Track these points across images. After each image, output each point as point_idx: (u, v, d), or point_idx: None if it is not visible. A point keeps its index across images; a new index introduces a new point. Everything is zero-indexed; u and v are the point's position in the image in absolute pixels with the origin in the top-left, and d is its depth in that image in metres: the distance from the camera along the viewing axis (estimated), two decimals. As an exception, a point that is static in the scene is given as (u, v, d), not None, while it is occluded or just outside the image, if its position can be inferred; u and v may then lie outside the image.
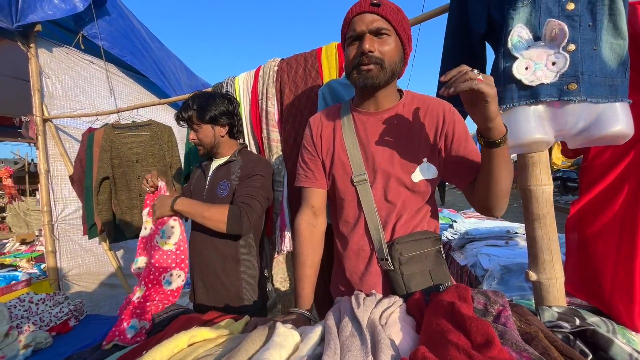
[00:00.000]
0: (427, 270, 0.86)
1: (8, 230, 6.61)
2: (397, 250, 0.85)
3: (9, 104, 3.36)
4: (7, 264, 2.75)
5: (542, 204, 0.87)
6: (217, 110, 1.29)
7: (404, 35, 0.84)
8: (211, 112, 1.28)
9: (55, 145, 2.33)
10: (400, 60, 0.85)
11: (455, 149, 0.86)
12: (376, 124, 0.91)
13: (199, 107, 1.28)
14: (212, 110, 1.28)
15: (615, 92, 0.79)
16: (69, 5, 2.15)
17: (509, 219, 3.82)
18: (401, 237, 0.87)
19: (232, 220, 1.16)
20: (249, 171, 1.26)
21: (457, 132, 0.87)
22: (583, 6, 0.78)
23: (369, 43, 0.80)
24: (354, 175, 0.90)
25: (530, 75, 0.81)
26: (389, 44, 0.82)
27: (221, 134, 1.33)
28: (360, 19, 0.82)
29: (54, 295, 1.41)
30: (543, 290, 0.86)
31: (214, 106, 1.29)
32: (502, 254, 1.81)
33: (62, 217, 2.37)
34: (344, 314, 0.69)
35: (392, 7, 0.83)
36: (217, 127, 1.31)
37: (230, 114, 1.33)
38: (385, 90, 0.89)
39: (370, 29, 0.81)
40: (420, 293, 0.76)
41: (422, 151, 0.88)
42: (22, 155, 9.80)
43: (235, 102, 1.39)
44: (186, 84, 3.40)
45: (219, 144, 1.34)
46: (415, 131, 0.88)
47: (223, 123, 1.31)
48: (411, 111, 0.90)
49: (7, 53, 2.36)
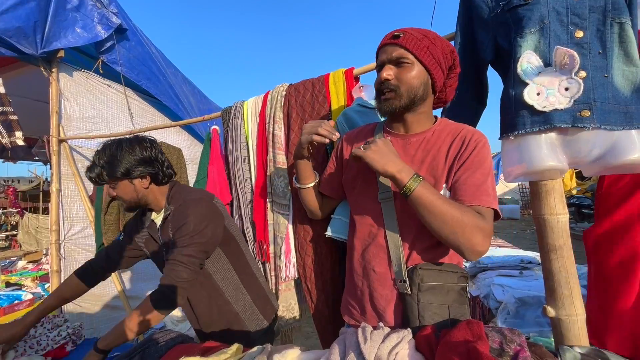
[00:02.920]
0: (446, 304, 0.82)
1: (19, 247, 6.68)
2: (419, 276, 0.83)
3: (29, 125, 3.50)
4: (12, 283, 2.75)
5: (557, 234, 0.82)
6: (128, 163, 1.09)
7: (430, 60, 0.86)
8: (121, 167, 1.09)
9: (69, 165, 2.39)
10: (421, 85, 0.87)
11: (460, 174, 0.83)
12: (403, 146, 0.93)
13: (106, 164, 1.10)
14: (123, 164, 1.09)
15: (630, 120, 0.76)
16: (92, 34, 2.28)
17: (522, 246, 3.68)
18: (427, 264, 0.85)
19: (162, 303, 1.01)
20: (177, 222, 1.10)
21: (472, 159, 0.84)
22: (592, 34, 0.77)
23: (386, 72, 0.87)
24: (380, 192, 0.92)
25: (542, 101, 0.79)
26: (410, 71, 0.86)
27: (144, 186, 1.14)
28: (383, 51, 0.89)
29: (53, 318, 1.39)
30: (563, 328, 0.80)
31: (123, 159, 1.09)
32: (516, 285, 1.72)
33: (69, 236, 2.38)
34: (349, 348, 0.66)
35: (416, 36, 0.86)
36: (135, 180, 1.12)
37: (148, 161, 1.12)
38: (413, 115, 0.91)
39: (390, 58, 0.87)
40: (432, 328, 0.72)
41: (444, 178, 0.86)
42: (39, 174, 10.10)
43: (152, 142, 1.18)
44: (199, 108, 3.51)
45: (145, 197, 1.16)
46: (441, 157, 0.87)
47: (141, 174, 1.11)
48: (441, 138, 0.90)
49: (30, 76, 2.49)
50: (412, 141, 0.92)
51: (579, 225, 7.93)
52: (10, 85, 2.78)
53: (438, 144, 0.89)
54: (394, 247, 0.87)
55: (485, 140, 0.87)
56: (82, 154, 2.51)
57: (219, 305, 1.19)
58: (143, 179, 1.13)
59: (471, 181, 0.81)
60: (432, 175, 0.87)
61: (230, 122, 1.61)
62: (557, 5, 0.79)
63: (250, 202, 1.54)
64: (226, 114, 1.64)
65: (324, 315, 1.32)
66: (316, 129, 0.94)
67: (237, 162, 1.57)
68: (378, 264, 0.90)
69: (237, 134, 1.56)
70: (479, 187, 0.81)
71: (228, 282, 1.20)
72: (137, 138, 1.16)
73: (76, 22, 2.24)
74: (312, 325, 1.42)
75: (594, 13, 0.77)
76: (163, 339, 1.02)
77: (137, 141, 1.14)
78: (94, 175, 1.11)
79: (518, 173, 0.83)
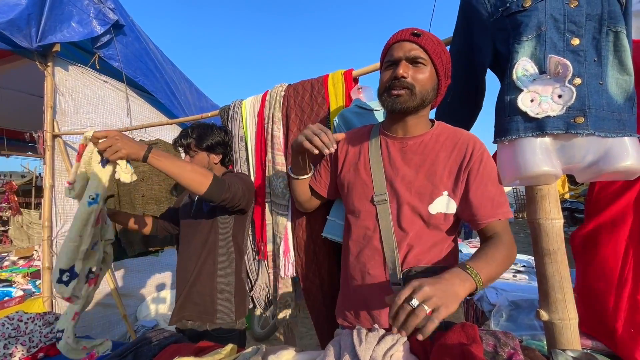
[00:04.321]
0: None
1: (10, 243, 6.59)
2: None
3: (23, 119, 3.46)
4: (2, 279, 2.71)
5: (552, 238, 0.83)
6: (214, 140, 1.41)
7: (441, 66, 0.86)
8: (208, 141, 1.40)
9: (62, 160, 2.36)
10: (432, 89, 0.87)
11: (475, 189, 0.84)
12: (401, 149, 0.92)
13: (197, 136, 1.39)
14: (210, 139, 1.40)
15: (623, 127, 0.78)
16: (87, 29, 2.25)
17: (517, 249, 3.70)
18: (422, 267, 0.85)
19: (215, 183, 1.09)
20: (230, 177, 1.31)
21: (482, 171, 0.84)
22: (588, 42, 0.79)
23: (403, 69, 0.84)
24: (375, 195, 0.91)
25: (535, 108, 0.80)
26: (424, 72, 0.84)
27: (215, 162, 1.45)
28: (399, 46, 0.86)
29: (44, 315, 1.37)
30: (556, 331, 0.81)
31: (212, 136, 1.41)
32: (510, 288, 1.74)
33: (61, 232, 2.35)
34: (344, 350, 0.66)
35: (433, 39, 0.85)
36: (212, 155, 1.43)
37: (225, 144, 1.46)
38: (415, 118, 0.90)
39: (407, 56, 0.84)
40: None
41: (443, 184, 0.86)
42: (32, 169, 9.96)
43: (231, 135, 1.52)
44: (196, 105, 3.48)
45: (211, 170, 1.37)
46: (440, 162, 0.87)
47: (218, 152, 1.44)
48: (439, 142, 0.89)
49: (25, 71, 2.45)
50: (410, 144, 0.91)
51: (572, 229, 8.03)
52: (5, 79, 2.75)
53: (436, 149, 0.89)
54: (389, 250, 0.87)
55: (486, 148, 0.88)
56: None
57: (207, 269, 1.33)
58: (217, 155, 1.44)
59: (487, 196, 0.83)
60: (429, 181, 0.87)
61: (228, 122, 1.60)
62: (554, 13, 0.80)
63: (248, 202, 1.54)
64: (224, 112, 1.63)
65: (321, 314, 1.32)
66: (312, 137, 0.87)
67: (235, 162, 1.57)
68: (373, 267, 0.90)
69: (235, 134, 1.56)
70: (494, 201, 0.83)
71: (227, 257, 1.36)
72: (222, 127, 1.50)
73: (72, 16, 2.21)
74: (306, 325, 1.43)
75: (591, 21, 0.78)
76: (156, 338, 1.01)
77: (222, 129, 1.47)
78: (185, 142, 1.39)
79: (512, 177, 0.84)
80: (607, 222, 1.01)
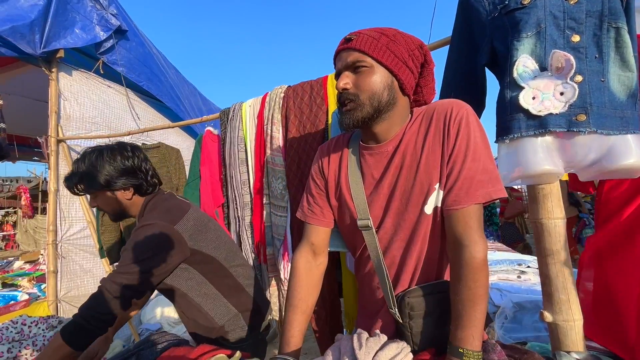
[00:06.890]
0: (443, 328, 0.72)
1: (17, 247, 6.67)
2: (408, 305, 0.74)
3: (29, 124, 3.50)
4: (8, 283, 2.74)
5: (555, 238, 0.82)
6: (108, 174, 1.01)
7: (391, 60, 0.74)
8: (101, 178, 1.01)
9: (67, 165, 2.39)
10: (385, 89, 0.75)
11: (450, 169, 0.72)
12: (380, 159, 0.81)
13: (85, 175, 1.03)
14: (103, 174, 1.01)
15: (626, 124, 0.76)
16: (90, 35, 2.29)
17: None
18: (413, 290, 0.76)
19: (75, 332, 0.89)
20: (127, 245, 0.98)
21: (458, 144, 0.71)
22: (589, 38, 0.78)
23: (342, 80, 0.76)
24: (359, 219, 0.81)
25: (538, 105, 0.79)
26: (368, 75, 0.74)
27: (127, 198, 1.06)
28: (338, 58, 0.79)
29: (48, 319, 1.38)
30: (560, 333, 0.79)
31: (104, 169, 1.01)
32: (514, 290, 1.72)
33: (66, 236, 2.37)
34: (344, 354, 0.66)
35: (371, 36, 0.75)
36: (118, 192, 1.05)
37: (130, 171, 1.04)
38: (383, 124, 0.78)
39: (346, 64, 0.76)
40: (429, 353, 0.70)
41: (434, 177, 0.74)
42: (38, 174, 10.09)
43: (135, 150, 1.09)
44: (199, 108, 3.51)
45: (129, 209, 1.08)
46: (424, 157, 0.75)
47: (123, 186, 1.03)
48: (415, 134, 0.78)
49: (30, 76, 2.49)
50: (389, 150, 0.80)
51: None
52: (12, 85, 2.79)
53: (413, 140, 0.78)
54: (381, 275, 0.80)
55: (468, 111, 0.74)
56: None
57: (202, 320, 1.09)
58: (125, 190, 1.05)
59: (464, 174, 0.70)
60: (418, 181, 0.76)
61: (228, 124, 1.61)
62: (554, 10, 0.79)
63: (248, 204, 1.54)
64: (224, 115, 1.64)
65: (320, 317, 1.32)
66: None
67: (234, 164, 1.57)
68: (375, 289, 0.84)
69: (235, 135, 1.56)
70: (472, 181, 0.69)
71: (206, 297, 1.07)
72: (119, 146, 1.08)
73: (75, 23, 2.25)
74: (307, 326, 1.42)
75: (591, 17, 0.77)
76: (159, 340, 1.01)
77: (118, 150, 1.06)
78: (72, 185, 1.04)
79: (514, 177, 0.83)
80: (623, 226, 0.96)
